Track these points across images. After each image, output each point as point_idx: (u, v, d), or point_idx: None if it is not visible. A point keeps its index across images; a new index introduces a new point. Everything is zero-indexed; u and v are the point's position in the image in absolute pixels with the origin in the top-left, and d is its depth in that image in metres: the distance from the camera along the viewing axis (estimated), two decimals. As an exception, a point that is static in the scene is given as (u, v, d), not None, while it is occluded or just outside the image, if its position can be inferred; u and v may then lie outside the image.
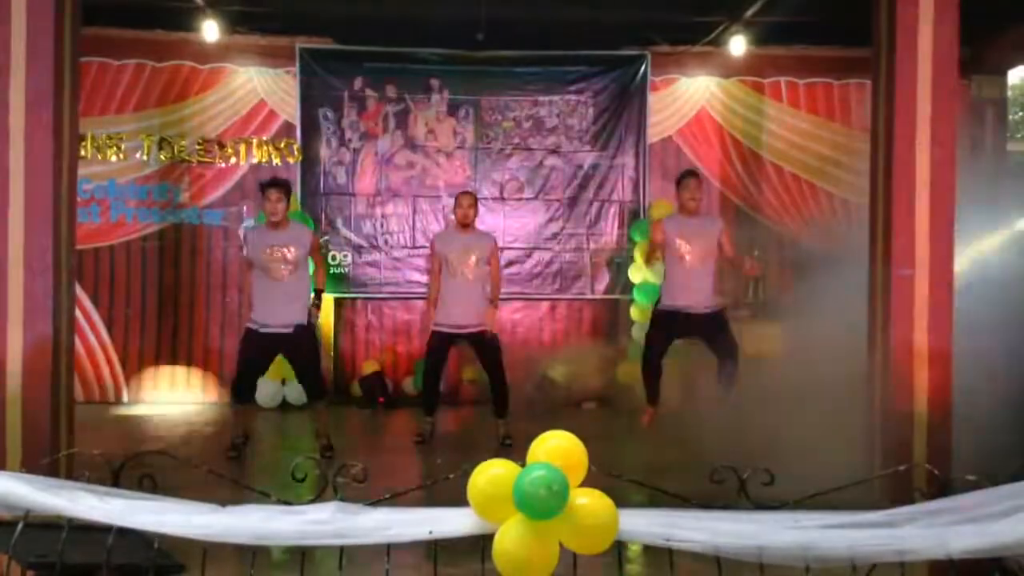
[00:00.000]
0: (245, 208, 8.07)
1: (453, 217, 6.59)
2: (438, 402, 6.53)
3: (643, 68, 8.30)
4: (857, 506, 1.99)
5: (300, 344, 5.80)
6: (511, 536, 1.83)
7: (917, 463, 4.13)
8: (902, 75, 4.66)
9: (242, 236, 6.26)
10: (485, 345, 6.28)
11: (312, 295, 6.01)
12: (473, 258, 6.19)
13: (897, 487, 2.84)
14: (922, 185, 4.63)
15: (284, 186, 5.89)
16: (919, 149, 4.64)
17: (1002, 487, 1.94)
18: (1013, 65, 8.65)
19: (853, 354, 5.04)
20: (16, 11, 4.27)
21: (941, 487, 2.03)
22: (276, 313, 5.72)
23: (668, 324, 6.07)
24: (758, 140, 8.39)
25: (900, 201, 4.67)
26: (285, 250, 5.74)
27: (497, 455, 1.94)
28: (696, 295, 5.95)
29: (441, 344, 6.29)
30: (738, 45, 7.95)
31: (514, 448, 6.02)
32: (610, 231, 8.38)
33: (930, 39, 4.63)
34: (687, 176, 6.17)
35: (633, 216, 8.36)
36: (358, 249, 8.25)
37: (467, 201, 6.29)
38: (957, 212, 4.62)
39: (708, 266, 6.00)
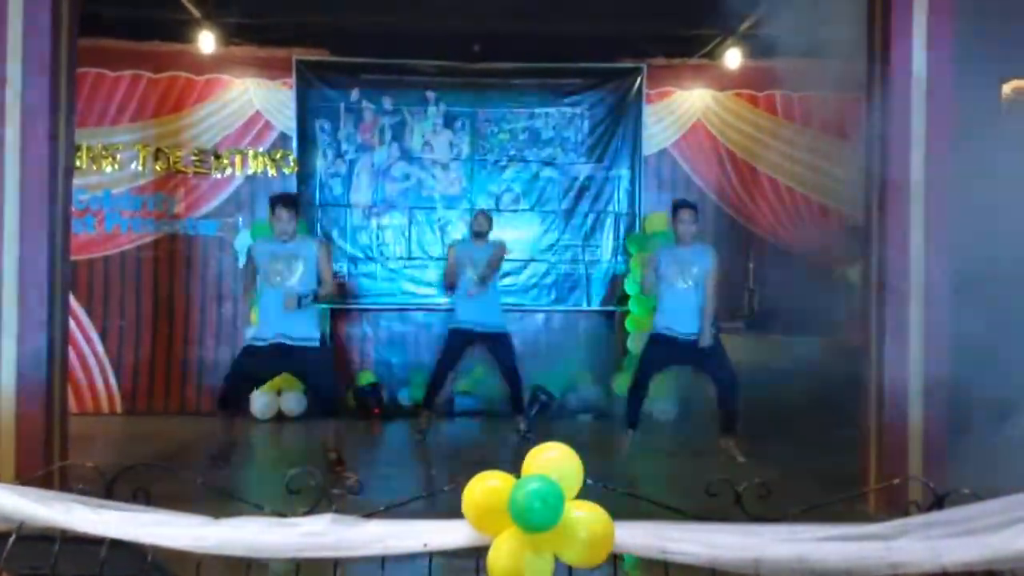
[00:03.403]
0: (240, 219, 8.08)
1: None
2: (439, 398, 7.01)
3: (639, 81, 8.33)
4: (853, 519, 1.99)
5: (308, 361, 5.58)
6: (506, 549, 1.83)
7: (912, 476, 4.13)
8: (896, 87, 4.69)
9: (245, 251, 6.08)
10: (500, 345, 6.79)
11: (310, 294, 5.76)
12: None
13: (892, 500, 2.84)
14: (916, 199, 4.65)
15: (295, 204, 5.75)
16: (913, 162, 4.65)
17: (997, 499, 1.95)
18: (1007, 77, 8.66)
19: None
20: (13, 22, 4.28)
21: (936, 500, 2.03)
22: (283, 328, 5.51)
23: (662, 348, 6.07)
24: (753, 152, 8.42)
25: (894, 214, 4.68)
26: (291, 263, 5.56)
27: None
28: (689, 320, 5.96)
29: (458, 341, 6.79)
30: (733, 58, 7.99)
31: (515, 453, 6.03)
32: (606, 243, 8.40)
33: (924, 51, 4.66)
34: (679, 207, 6.16)
35: (629, 228, 8.38)
36: (354, 260, 8.26)
37: (480, 216, 7.00)
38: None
39: (700, 294, 6.02)
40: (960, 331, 4.58)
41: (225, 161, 8.09)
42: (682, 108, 8.47)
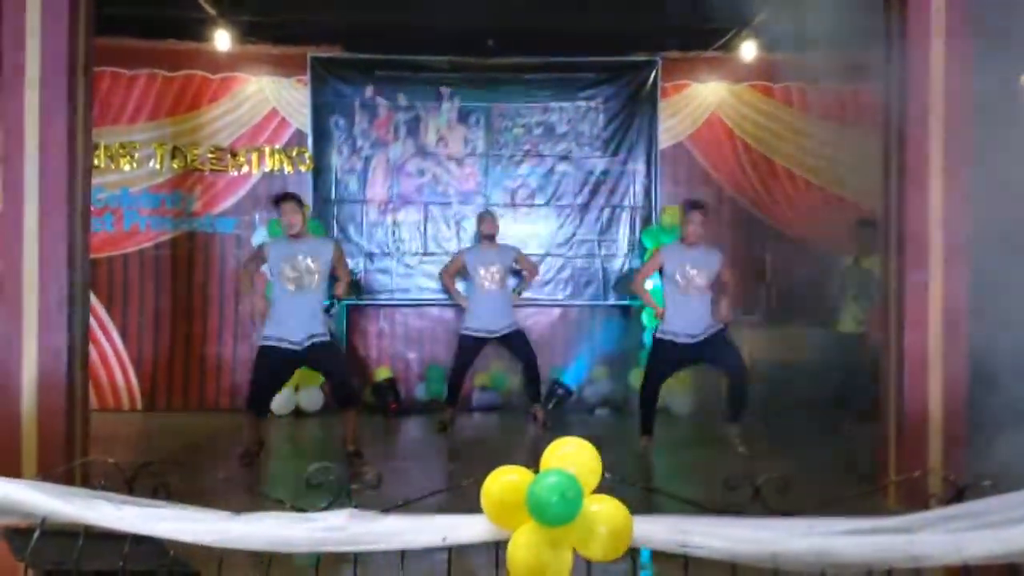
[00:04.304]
0: (257, 216, 8.11)
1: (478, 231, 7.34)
2: (460, 394, 7.18)
3: (654, 74, 8.30)
4: (873, 512, 1.98)
5: (322, 356, 5.72)
6: (525, 543, 1.83)
7: (932, 469, 4.10)
8: (914, 74, 4.64)
9: (256, 246, 6.14)
10: (515, 340, 7.01)
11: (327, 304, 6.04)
12: (498, 269, 6.96)
13: (912, 493, 2.82)
14: (936, 189, 4.60)
15: (296, 199, 5.84)
16: (932, 150, 4.61)
17: (1018, 492, 1.93)
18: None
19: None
20: (31, 23, 4.31)
21: (957, 493, 2.02)
22: (296, 328, 5.61)
23: (667, 352, 6.04)
24: (769, 144, 8.37)
25: (913, 205, 4.64)
26: (307, 261, 5.65)
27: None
28: (694, 323, 5.95)
29: (470, 345, 6.96)
30: (749, 50, 7.95)
31: (533, 447, 6.04)
32: (622, 237, 8.38)
33: (943, 34, 4.60)
34: (691, 208, 6.11)
35: (645, 222, 8.35)
36: (370, 256, 8.27)
37: (489, 217, 7.16)
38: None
39: (706, 294, 6.00)
40: (981, 319, 4.53)
41: (242, 159, 8.13)
42: (697, 101, 8.43)
